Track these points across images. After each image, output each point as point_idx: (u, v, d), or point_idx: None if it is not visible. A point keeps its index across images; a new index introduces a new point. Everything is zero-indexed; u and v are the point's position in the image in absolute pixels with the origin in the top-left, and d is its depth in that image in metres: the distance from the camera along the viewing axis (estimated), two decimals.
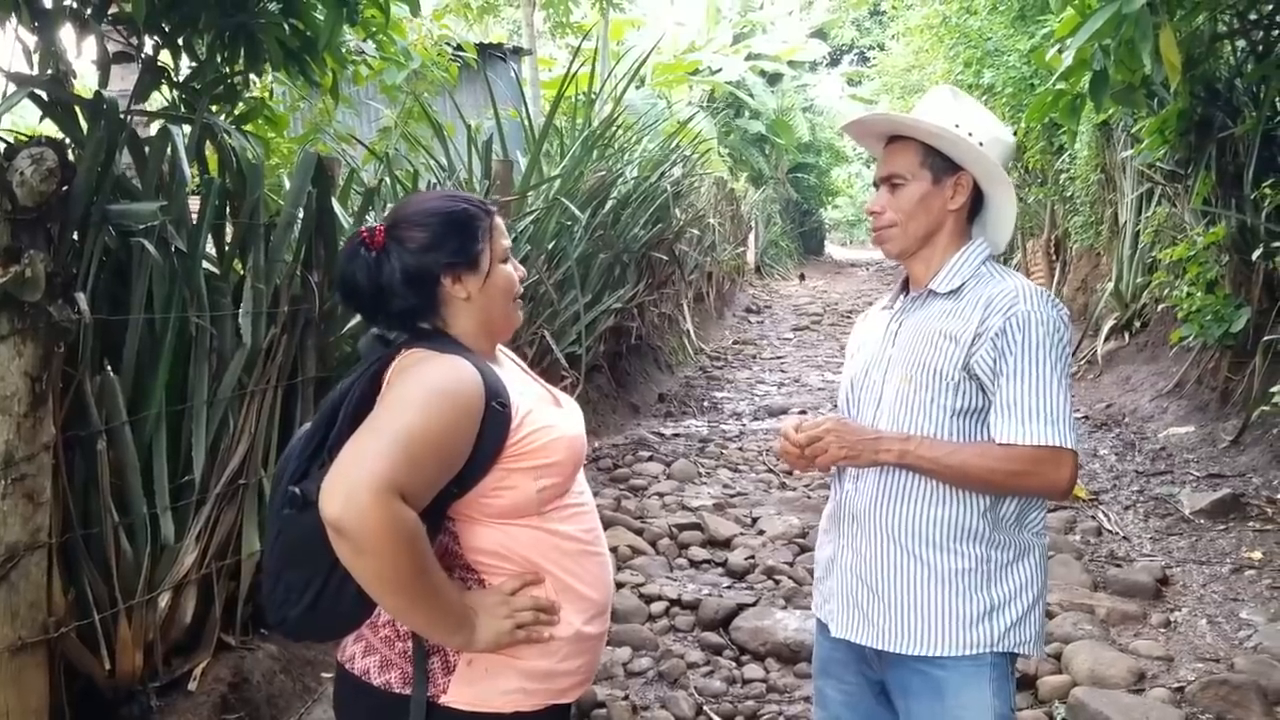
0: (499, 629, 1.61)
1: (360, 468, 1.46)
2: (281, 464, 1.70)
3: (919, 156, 1.98)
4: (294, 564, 1.59)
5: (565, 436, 1.71)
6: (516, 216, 5.53)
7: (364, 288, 1.68)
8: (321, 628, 1.66)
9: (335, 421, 1.62)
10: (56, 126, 2.91)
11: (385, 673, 1.64)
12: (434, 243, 1.67)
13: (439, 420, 1.53)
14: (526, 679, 1.66)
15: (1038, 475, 1.85)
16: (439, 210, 1.71)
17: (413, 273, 1.66)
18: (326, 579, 1.56)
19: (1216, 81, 6.73)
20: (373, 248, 1.67)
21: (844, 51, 29.63)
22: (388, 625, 1.66)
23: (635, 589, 4.42)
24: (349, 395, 1.63)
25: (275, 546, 1.61)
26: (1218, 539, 5.02)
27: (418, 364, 1.61)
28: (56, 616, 2.53)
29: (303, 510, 1.55)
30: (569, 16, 11.83)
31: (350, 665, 1.68)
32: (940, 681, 1.90)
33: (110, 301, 2.84)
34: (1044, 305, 1.89)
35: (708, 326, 12.47)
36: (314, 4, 3.44)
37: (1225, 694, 3.37)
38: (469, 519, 1.66)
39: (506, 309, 1.77)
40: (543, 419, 1.69)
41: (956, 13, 11.97)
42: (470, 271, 1.70)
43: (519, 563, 1.67)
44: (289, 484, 1.60)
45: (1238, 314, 6.60)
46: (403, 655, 1.64)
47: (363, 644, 1.68)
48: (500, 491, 1.64)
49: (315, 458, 1.61)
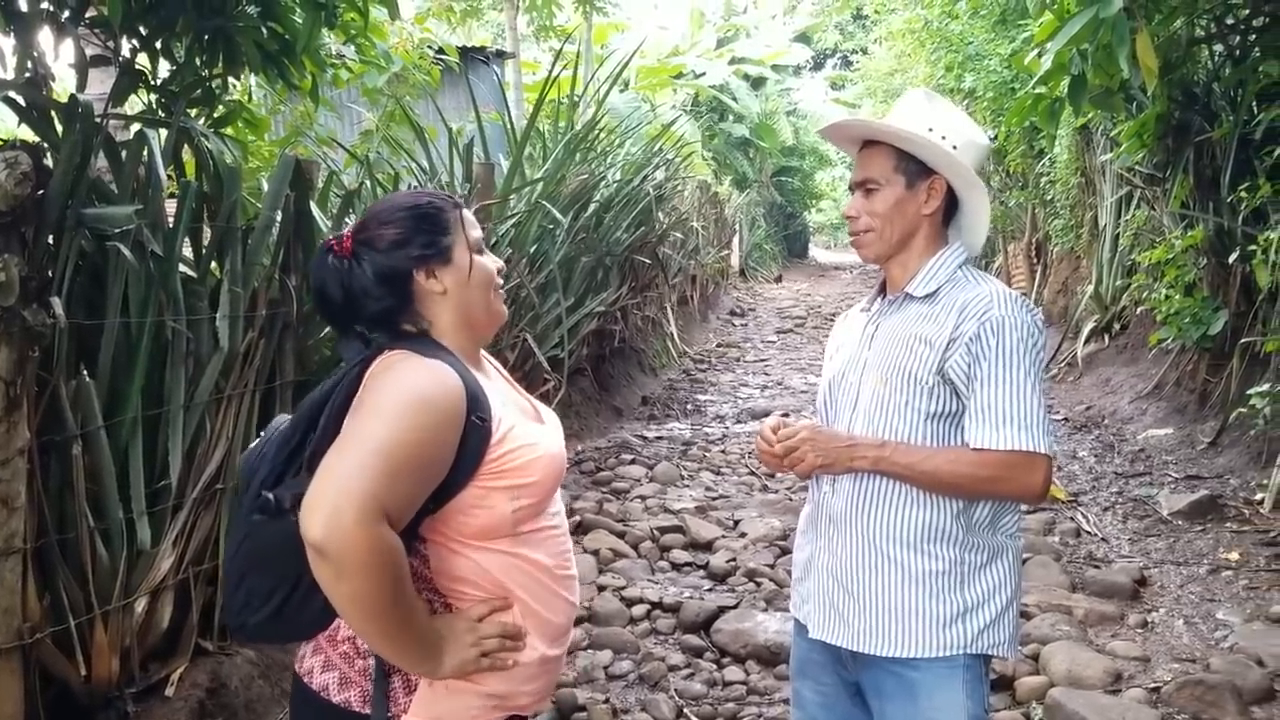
0: (464, 657, 1.58)
1: (344, 488, 1.41)
2: (250, 463, 1.65)
3: (892, 161, 1.99)
4: (259, 570, 1.55)
5: (546, 455, 1.67)
6: (498, 220, 5.53)
7: (335, 296, 1.64)
8: (282, 634, 1.64)
9: (314, 426, 1.57)
10: (32, 130, 2.90)
11: (344, 690, 1.61)
12: (403, 239, 1.64)
13: (420, 433, 1.49)
14: (485, 699, 1.63)
15: (1011, 480, 1.87)
16: (404, 206, 1.68)
17: (385, 272, 1.63)
18: (293, 588, 1.52)
19: (1194, 85, 6.78)
20: (341, 254, 1.64)
21: (827, 56, 29.75)
22: (347, 641, 1.62)
23: (616, 592, 4.42)
24: (331, 400, 1.58)
25: (240, 550, 1.57)
26: (1195, 540, 5.06)
27: (398, 366, 1.56)
28: (31, 622, 2.51)
29: (275, 517, 1.51)
30: (552, 20, 11.81)
31: (309, 679, 1.64)
32: (914, 683, 1.91)
33: (86, 305, 2.83)
34: (1018, 310, 1.90)
35: (691, 329, 12.49)
36: (292, 7, 3.43)
37: (1201, 694, 3.39)
38: (441, 543, 1.62)
39: (486, 300, 1.73)
40: (524, 436, 1.64)
41: (938, 17, 12.02)
42: (443, 264, 1.67)
43: (488, 589, 1.63)
44: (261, 488, 1.56)
45: (1215, 316, 6.66)
46: (362, 673, 1.60)
47: (321, 657, 1.64)
48: (476, 510, 1.60)
49: (291, 462, 1.58)
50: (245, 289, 3.26)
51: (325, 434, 1.54)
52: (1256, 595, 4.36)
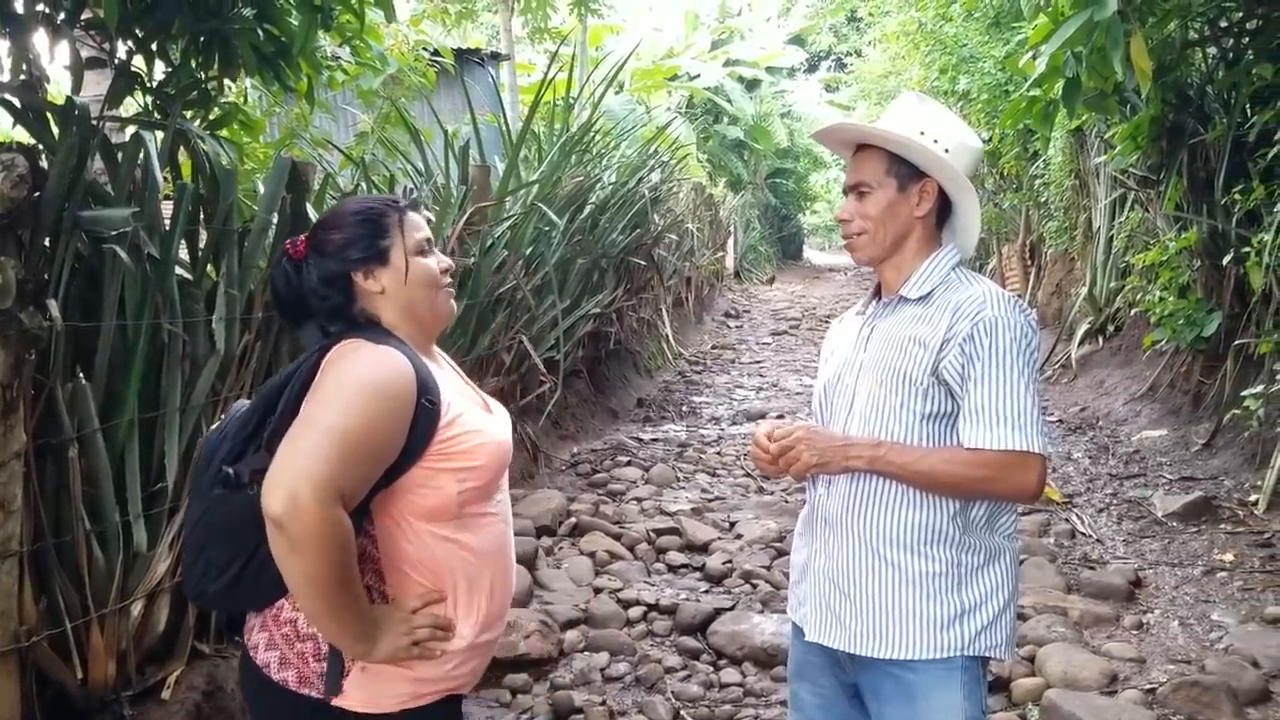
0: (396, 644, 1.68)
1: (303, 468, 1.52)
2: (212, 442, 1.75)
3: (884, 164, 1.99)
4: (218, 541, 1.66)
5: (492, 441, 1.78)
6: (494, 221, 5.53)
7: (284, 294, 1.80)
8: (241, 601, 1.75)
9: (273, 408, 1.69)
10: (28, 132, 2.89)
11: (283, 670, 1.70)
12: (345, 243, 1.77)
13: (373, 417, 1.60)
14: (416, 684, 1.73)
15: (1005, 480, 1.87)
16: (350, 212, 1.81)
17: (327, 274, 1.76)
18: (249, 558, 1.63)
19: (1187, 88, 6.80)
20: (295, 258, 1.78)
21: (821, 58, 29.78)
22: (289, 624, 1.71)
23: (613, 594, 4.42)
24: (291, 383, 1.70)
25: (200, 522, 1.68)
26: (1190, 541, 5.07)
27: (352, 353, 1.67)
28: (28, 625, 2.51)
29: (235, 490, 1.62)
30: (547, 22, 11.82)
31: (254, 653, 1.73)
32: (911, 685, 1.92)
33: (82, 308, 2.82)
34: (1011, 311, 1.90)
35: (686, 331, 12.49)
36: (288, 9, 3.43)
37: (1196, 695, 3.40)
38: (391, 523, 1.72)
39: (429, 298, 1.83)
40: (472, 422, 1.76)
41: (932, 20, 12.04)
42: (381, 266, 1.78)
43: (429, 574, 1.73)
44: (222, 464, 1.66)
45: (1209, 318, 6.67)
46: (300, 656, 1.70)
47: (266, 635, 1.73)
48: (424, 490, 1.70)
49: (252, 440, 1.68)
50: (241, 291, 3.26)
51: (283, 416, 1.65)
52: (1251, 596, 4.38)
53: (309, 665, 1.69)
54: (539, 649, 3.81)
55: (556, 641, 3.92)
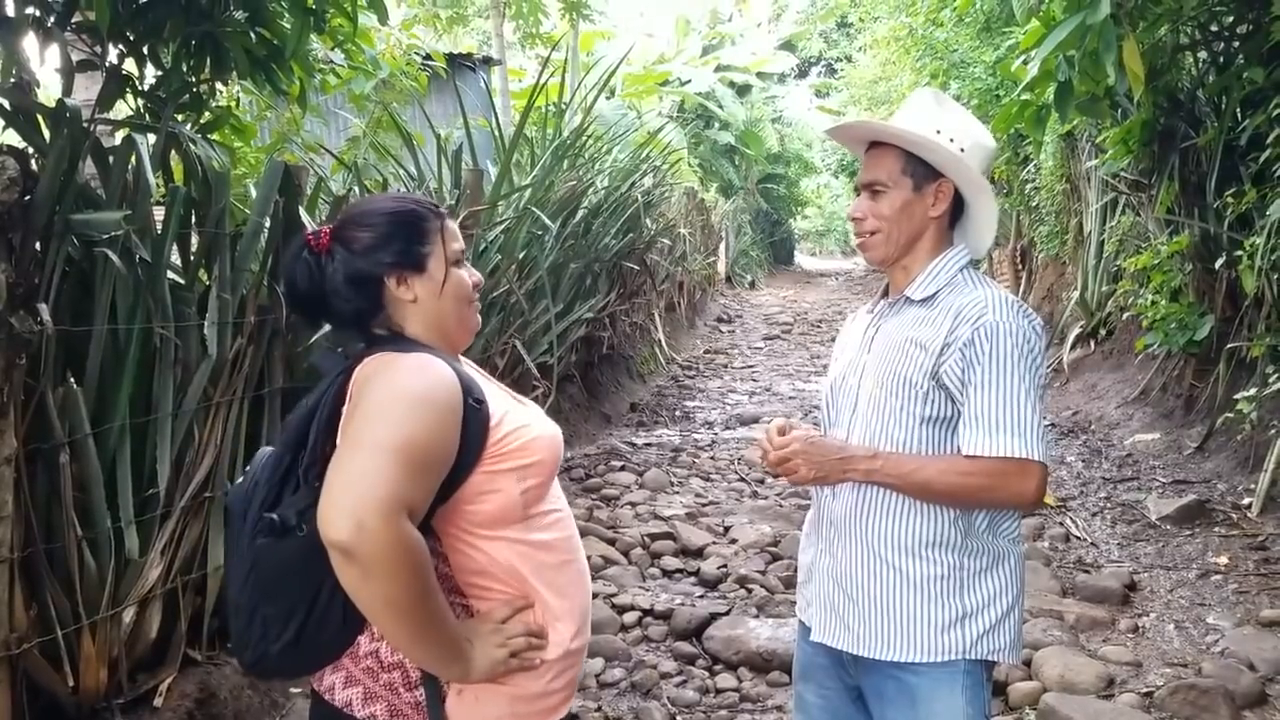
0: (494, 658, 1.57)
1: (364, 490, 1.41)
2: (242, 494, 1.60)
3: (900, 163, 1.97)
4: (273, 595, 1.52)
5: (544, 435, 1.67)
6: (487, 226, 5.51)
7: (304, 291, 1.64)
8: (304, 662, 1.60)
9: (304, 442, 1.56)
10: (19, 135, 2.87)
11: (370, 705, 1.57)
12: (378, 243, 1.63)
13: (426, 427, 1.48)
14: (516, 703, 1.61)
15: (1004, 488, 1.85)
16: (385, 210, 1.67)
17: (355, 274, 1.62)
18: (310, 608, 1.51)
19: (1179, 92, 6.82)
20: (317, 250, 1.63)
21: (812, 63, 29.81)
22: (370, 656, 1.59)
23: (608, 599, 4.40)
24: (318, 414, 1.57)
25: (249, 581, 1.53)
26: (1184, 544, 5.07)
27: (385, 369, 1.54)
28: (19, 632, 2.49)
29: (281, 538, 1.49)
30: (538, 27, 11.82)
31: (330, 696, 1.60)
32: (913, 687, 1.91)
33: (73, 312, 2.80)
34: (1014, 316, 1.88)
35: (679, 336, 12.49)
36: (280, 12, 3.42)
37: (1194, 698, 3.39)
38: (455, 537, 1.61)
39: (461, 313, 1.71)
40: (519, 418, 1.64)
41: (923, 25, 12.06)
42: (416, 274, 1.65)
43: (505, 581, 1.62)
44: (260, 510, 1.53)
45: (1201, 322, 6.68)
46: (388, 687, 1.58)
47: (343, 674, 1.60)
48: (485, 496, 1.59)
49: (286, 482, 1.56)
50: (234, 295, 3.24)
51: (316, 448, 1.54)
52: (1246, 599, 4.37)
53: (400, 695, 1.57)
54: None
55: None
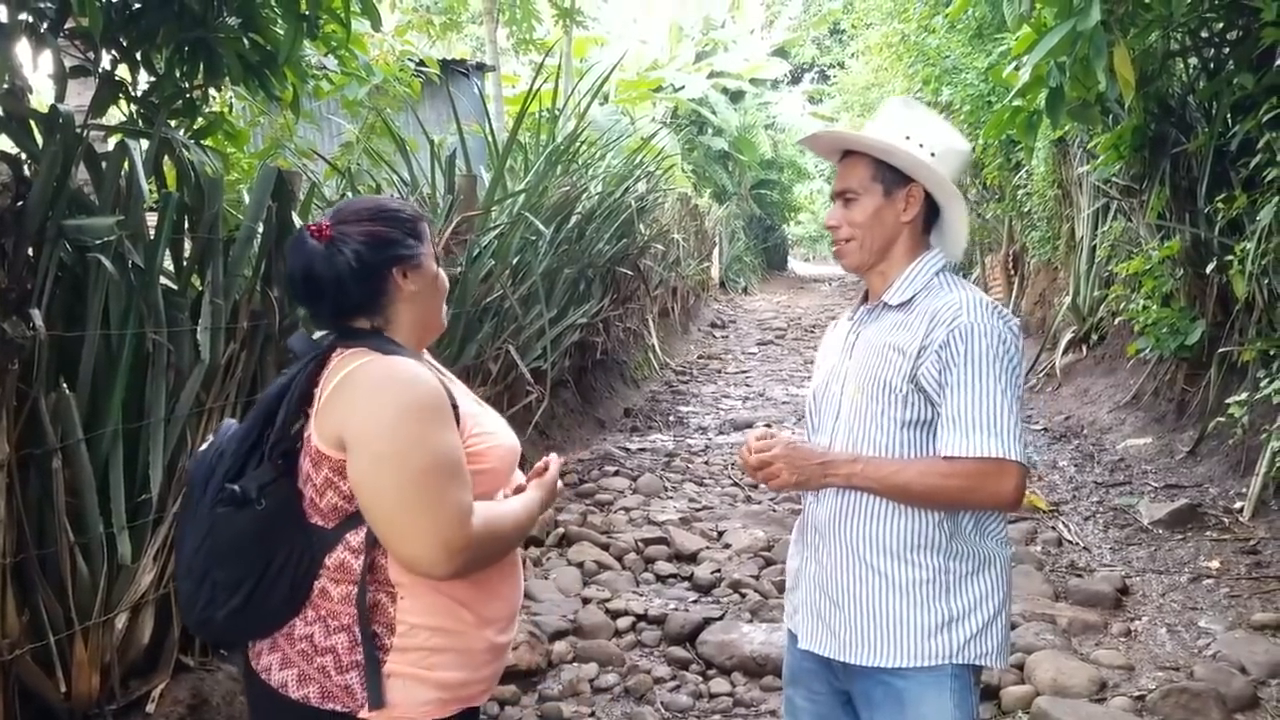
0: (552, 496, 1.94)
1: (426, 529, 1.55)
2: (205, 463, 1.67)
3: (870, 170, 2.00)
4: (226, 563, 1.60)
5: (503, 445, 1.77)
6: (481, 231, 5.52)
7: (325, 276, 1.65)
8: (248, 629, 1.67)
9: (272, 420, 1.64)
10: (11, 141, 2.87)
11: (303, 686, 1.63)
12: (388, 237, 1.70)
13: (441, 434, 1.60)
14: (441, 690, 1.67)
15: (982, 489, 1.86)
16: (389, 207, 1.75)
17: (366, 265, 1.67)
18: (260, 579, 1.59)
19: (1170, 98, 6.84)
20: (320, 240, 1.66)
21: (805, 70, 29.89)
22: (304, 640, 1.65)
23: (601, 604, 4.40)
24: (289, 394, 1.65)
25: (204, 545, 1.60)
26: (1176, 549, 5.09)
27: (373, 381, 1.60)
28: (11, 638, 2.48)
29: (240, 508, 1.57)
30: (532, 33, 11.83)
31: (267, 676, 1.66)
32: (901, 692, 1.91)
33: (66, 317, 2.80)
34: (988, 317, 1.89)
35: (673, 341, 12.49)
36: (274, 18, 3.42)
37: (1186, 702, 3.40)
38: None
39: (440, 309, 1.82)
40: (484, 424, 1.75)
41: (915, 31, 12.11)
42: (415, 268, 1.74)
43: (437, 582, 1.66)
44: (224, 480, 1.60)
45: (1193, 326, 6.71)
46: (321, 671, 1.63)
47: (279, 655, 1.66)
48: None
49: (252, 456, 1.63)
50: (227, 301, 3.23)
51: (284, 428, 1.63)
52: (1238, 603, 4.39)
53: (331, 679, 1.62)
54: (527, 660, 3.78)
55: (545, 652, 3.89)
